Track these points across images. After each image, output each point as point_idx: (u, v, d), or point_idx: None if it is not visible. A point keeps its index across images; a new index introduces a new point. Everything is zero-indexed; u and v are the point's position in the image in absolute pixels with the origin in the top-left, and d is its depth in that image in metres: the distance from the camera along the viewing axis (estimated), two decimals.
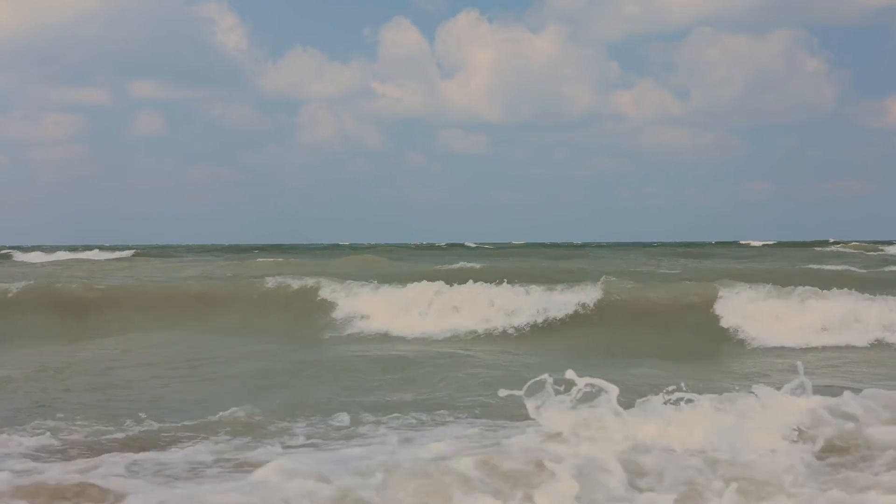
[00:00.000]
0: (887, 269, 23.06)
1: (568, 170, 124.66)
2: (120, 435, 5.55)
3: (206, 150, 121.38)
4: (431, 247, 70.62)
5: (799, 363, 5.19)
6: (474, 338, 12.59)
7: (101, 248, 56.10)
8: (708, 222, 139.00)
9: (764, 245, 68.81)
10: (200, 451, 4.80)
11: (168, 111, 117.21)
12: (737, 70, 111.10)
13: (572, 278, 15.67)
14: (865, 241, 61.63)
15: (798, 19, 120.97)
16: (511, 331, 12.89)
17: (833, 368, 9.81)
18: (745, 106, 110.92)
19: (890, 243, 53.50)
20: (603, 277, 14.20)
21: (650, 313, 13.21)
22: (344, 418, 6.03)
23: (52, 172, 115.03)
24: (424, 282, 14.56)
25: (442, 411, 6.48)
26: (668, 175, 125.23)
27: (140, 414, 6.16)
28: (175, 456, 4.64)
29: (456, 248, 62.81)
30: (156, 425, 5.85)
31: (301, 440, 5.34)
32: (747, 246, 68.02)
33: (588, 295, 13.56)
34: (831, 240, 69.91)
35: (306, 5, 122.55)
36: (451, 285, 14.20)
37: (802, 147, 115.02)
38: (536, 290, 13.79)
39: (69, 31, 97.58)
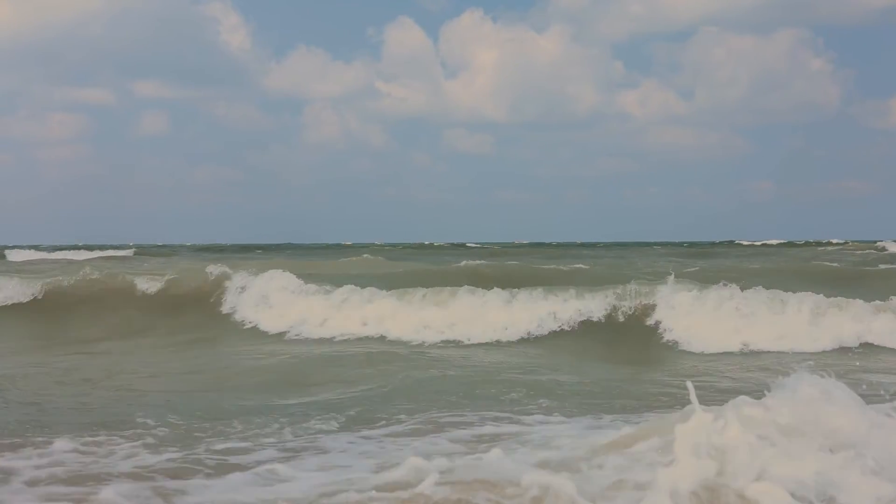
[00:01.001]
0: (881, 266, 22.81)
1: (572, 169, 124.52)
2: None
3: (210, 149, 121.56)
4: (430, 246, 70.43)
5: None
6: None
7: (102, 247, 56.16)
8: (712, 222, 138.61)
9: (763, 244, 68.52)
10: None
11: (172, 111, 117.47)
12: (741, 70, 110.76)
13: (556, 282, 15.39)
14: (872, 241, 61.29)
15: (803, 19, 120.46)
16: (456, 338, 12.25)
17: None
18: (750, 106, 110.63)
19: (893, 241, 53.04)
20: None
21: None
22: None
23: (57, 172, 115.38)
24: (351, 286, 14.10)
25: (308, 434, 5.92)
26: (673, 175, 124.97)
27: None
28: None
29: (456, 249, 62.63)
30: None
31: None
32: (750, 246, 67.80)
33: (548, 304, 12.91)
34: (834, 240, 69.57)
35: (310, 5, 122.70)
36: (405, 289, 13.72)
37: (807, 147, 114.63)
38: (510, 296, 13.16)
39: (73, 30, 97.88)
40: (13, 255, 43.48)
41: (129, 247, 56.53)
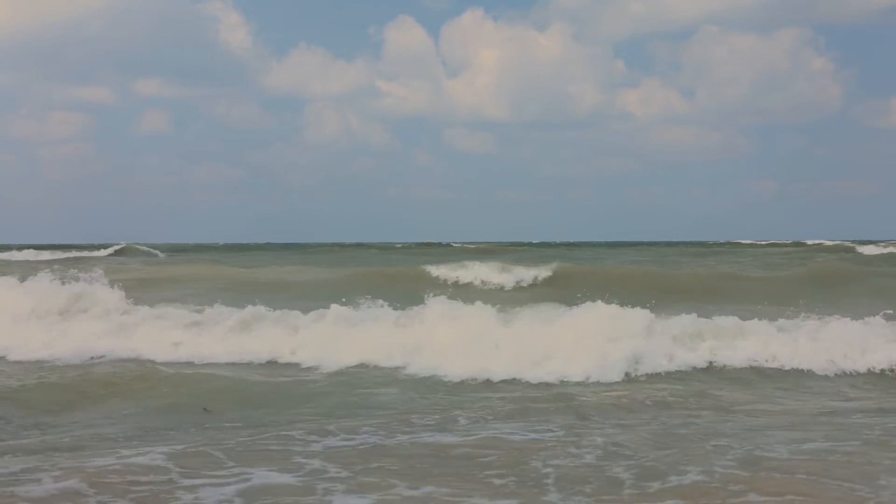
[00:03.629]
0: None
1: (574, 169, 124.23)
2: None
3: (211, 148, 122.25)
4: (411, 246, 70.48)
5: None
6: None
7: (86, 247, 56.66)
8: (714, 222, 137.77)
9: (729, 243, 67.92)
10: None
11: (173, 109, 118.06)
12: (743, 69, 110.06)
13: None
14: (873, 241, 60.50)
15: (804, 18, 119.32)
16: None
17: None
18: (752, 105, 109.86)
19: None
20: None
21: None
22: None
23: (58, 171, 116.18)
24: None
25: None
26: (675, 174, 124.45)
27: None
28: None
29: (435, 248, 62.64)
30: None
31: None
32: (743, 245, 67.39)
33: None
34: (826, 242, 68.86)
35: (310, 4, 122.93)
36: None
37: (808, 146, 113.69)
38: None
39: (73, 29, 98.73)
40: None
41: (107, 246, 56.66)
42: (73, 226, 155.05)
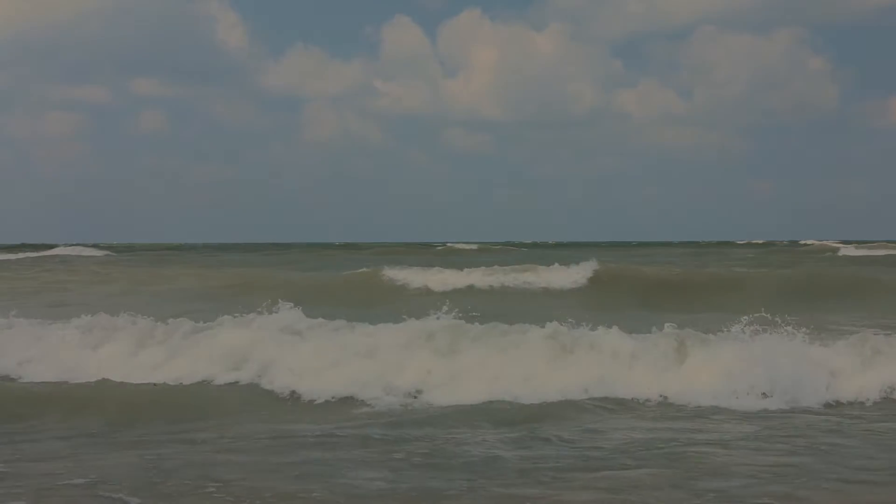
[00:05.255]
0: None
1: (571, 168, 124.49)
2: None
3: (208, 147, 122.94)
4: (403, 246, 70.56)
5: None
6: None
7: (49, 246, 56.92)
8: (710, 222, 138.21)
9: (703, 242, 67.79)
10: None
11: (170, 109, 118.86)
12: (740, 69, 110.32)
13: None
14: (870, 241, 60.56)
15: (801, 18, 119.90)
16: None
17: None
18: (749, 105, 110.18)
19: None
20: None
21: None
22: None
23: (54, 170, 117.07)
24: None
25: None
26: (672, 174, 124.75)
27: None
28: None
29: (428, 248, 62.69)
30: None
31: None
32: (741, 244, 67.51)
33: None
34: (810, 241, 69.00)
35: (307, 3, 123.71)
36: None
37: (806, 146, 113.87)
38: None
39: (71, 28, 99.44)
40: None
41: (101, 246, 57.04)
42: (71, 225, 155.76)
